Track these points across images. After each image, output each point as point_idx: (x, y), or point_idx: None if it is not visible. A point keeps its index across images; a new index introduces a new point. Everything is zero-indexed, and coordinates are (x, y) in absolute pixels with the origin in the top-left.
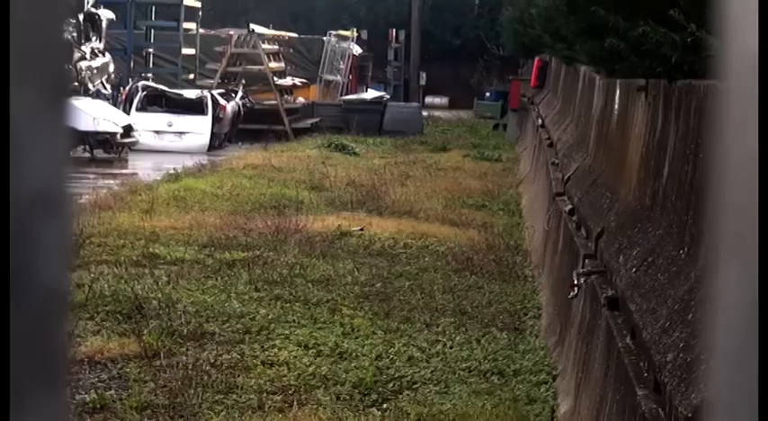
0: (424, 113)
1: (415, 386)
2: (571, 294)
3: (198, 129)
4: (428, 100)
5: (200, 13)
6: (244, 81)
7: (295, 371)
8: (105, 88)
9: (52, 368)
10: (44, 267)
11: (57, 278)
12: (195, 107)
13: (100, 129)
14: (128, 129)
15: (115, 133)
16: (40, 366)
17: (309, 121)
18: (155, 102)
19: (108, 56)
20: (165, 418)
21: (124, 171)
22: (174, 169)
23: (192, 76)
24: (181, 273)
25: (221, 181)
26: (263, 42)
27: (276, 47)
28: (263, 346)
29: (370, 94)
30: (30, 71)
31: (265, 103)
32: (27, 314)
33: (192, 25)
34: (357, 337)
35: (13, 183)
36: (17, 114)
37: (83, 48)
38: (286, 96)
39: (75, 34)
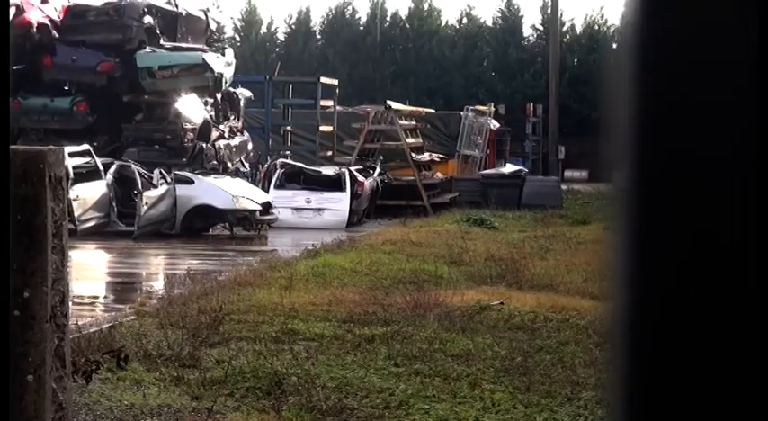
0: (564, 187)
1: None
2: None
3: (336, 205)
4: (567, 173)
5: (337, 91)
6: (381, 157)
7: None
8: (244, 166)
9: None
10: None
11: None
12: (333, 184)
13: (239, 206)
14: (267, 207)
15: (254, 210)
16: None
17: (448, 196)
18: (293, 179)
19: (246, 134)
20: None
21: (263, 248)
22: (312, 245)
23: (329, 153)
24: (320, 349)
25: (360, 257)
26: (401, 118)
27: (413, 122)
28: None
29: (509, 168)
30: None
31: (403, 178)
32: None
33: (329, 102)
34: (497, 412)
35: None
36: None
37: (221, 127)
38: (424, 172)
39: (213, 113)
